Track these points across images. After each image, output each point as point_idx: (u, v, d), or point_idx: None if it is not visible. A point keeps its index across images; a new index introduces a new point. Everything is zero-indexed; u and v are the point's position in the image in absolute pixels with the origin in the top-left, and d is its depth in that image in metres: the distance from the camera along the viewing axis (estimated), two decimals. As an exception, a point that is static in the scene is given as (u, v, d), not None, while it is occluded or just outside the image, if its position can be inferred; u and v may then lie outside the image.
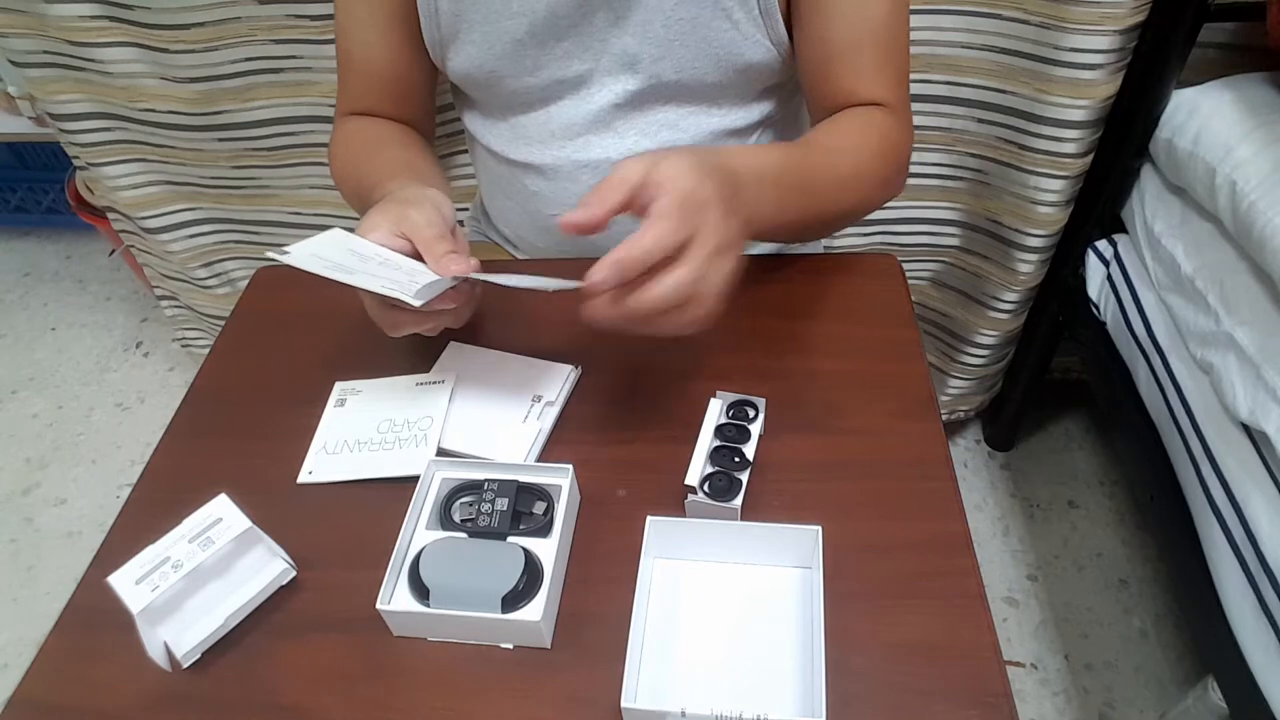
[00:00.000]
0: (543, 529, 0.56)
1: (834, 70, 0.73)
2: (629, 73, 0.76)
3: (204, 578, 0.53)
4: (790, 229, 0.70)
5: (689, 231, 0.51)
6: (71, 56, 1.21)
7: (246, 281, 0.81)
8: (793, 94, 0.84)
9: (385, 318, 0.62)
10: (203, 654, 0.54)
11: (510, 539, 0.56)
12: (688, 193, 0.52)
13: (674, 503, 0.58)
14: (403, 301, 0.57)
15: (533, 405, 0.65)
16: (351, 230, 0.64)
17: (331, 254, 0.60)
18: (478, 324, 0.62)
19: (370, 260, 0.61)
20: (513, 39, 0.73)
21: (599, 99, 0.77)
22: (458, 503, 0.58)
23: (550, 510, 0.57)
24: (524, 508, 0.57)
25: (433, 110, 0.91)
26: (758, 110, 0.81)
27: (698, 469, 0.57)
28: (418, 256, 0.63)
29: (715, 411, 0.61)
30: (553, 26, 0.73)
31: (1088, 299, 1.21)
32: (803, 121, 0.92)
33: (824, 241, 1.02)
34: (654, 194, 0.52)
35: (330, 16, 1.12)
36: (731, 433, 0.60)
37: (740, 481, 0.57)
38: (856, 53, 0.72)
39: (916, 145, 1.23)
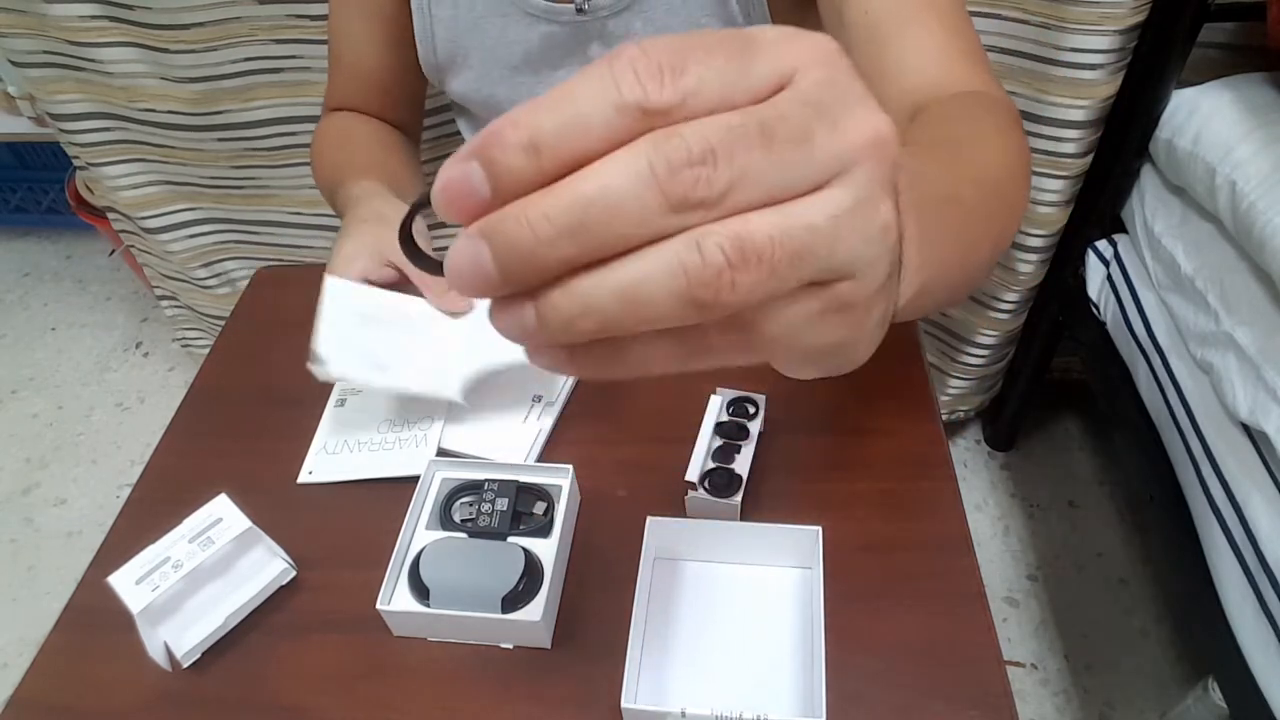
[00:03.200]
0: (543, 529, 0.56)
1: (889, 53, 0.56)
2: None
3: (204, 578, 0.53)
4: (951, 249, 0.41)
5: (803, 125, 0.21)
6: (71, 56, 1.21)
7: (246, 281, 0.81)
8: None
9: None
10: (203, 654, 0.54)
11: (510, 539, 0.55)
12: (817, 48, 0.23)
13: (674, 503, 0.58)
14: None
15: (533, 405, 0.65)
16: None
17: (350, 332, 0.62)
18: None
19: (386, 326, 0.64)
20: (509, 66, 0.74)
21: None
22: (458, 503, 0.58)
23: (550, 510, 0.57)
24: (524, 508, 0.57)
25: (420, 114, 0.91)
26: None
27: (698, 465, 0.57)
28: (402, 281, 0.66)
29: (715, 408, 0.61)
30: (547, 56, 0.73)
31: (1088, 299, 1.21)
32: None
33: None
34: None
35: (330, 16, 1.13)
36: (732, 429, 0.60)
37: (740, 478, 0.57)
38: (910, 26, 0.56)
39: (916, 145, 1.23)
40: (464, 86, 0.77)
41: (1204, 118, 0.99)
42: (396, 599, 0.54)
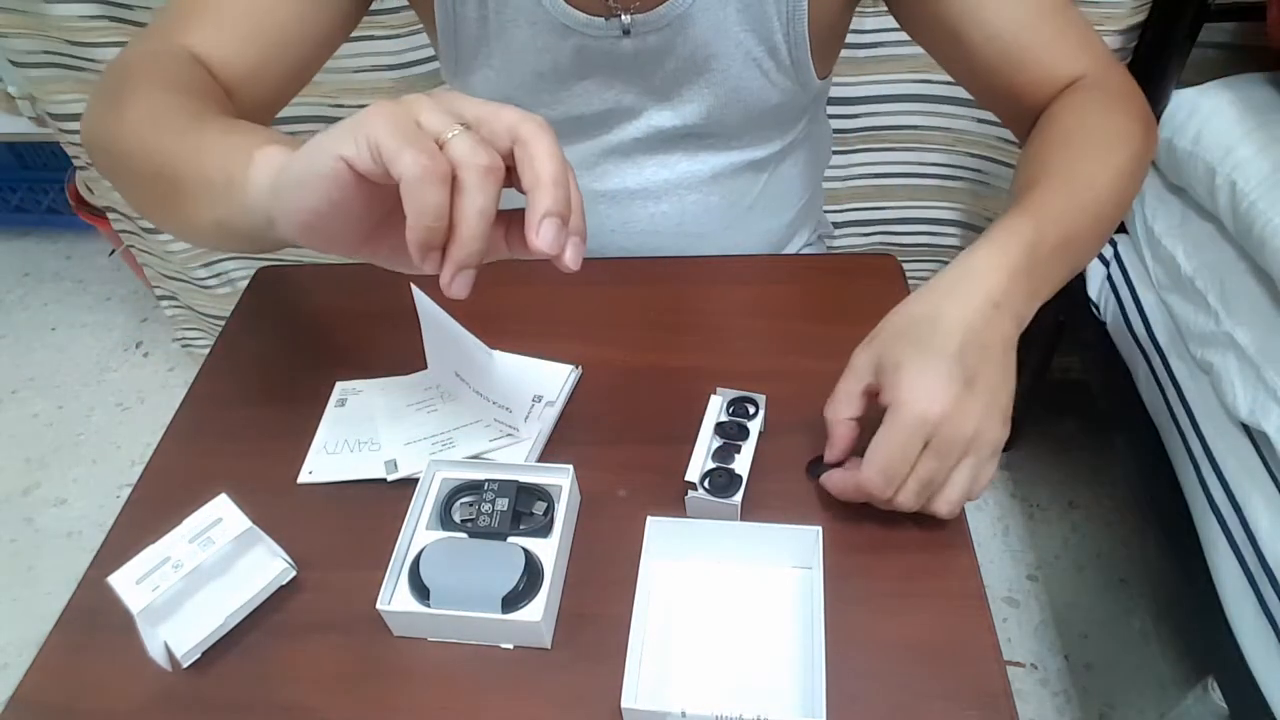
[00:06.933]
0: (543, 529, 0.56)
1: (1019, 61, 0.65)
2: (652, 113, 0.74)
3: (204, 578, 0.53)
4: (1061, 283, 0.59)
5: (923, 440, 0.51)
6: (71, 56, 1.21)
7: (246, 281, 0.81)
8: (814, 117, 0.83)
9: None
10: (203, 654, 0.54)
11: (510, 539, 0.55)
12: (920, 416, 0.50)
13: (674, 503, 0.58)
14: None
15: (533, 405, 0.65)
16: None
17: (437, 341, 0.64)
18: (477, 324, 0.62)
19: (456, 342, 0.62)
20: (534, 73, 0.72)
21: (618, 136, 0.76)
22: (458, 503, 0.58)
23: (550, 510, 0.57)
24: (524, 508, 0.57)
25: (283, 102, 0.68)
26: (778, 142, 0.80)
27: (698, 465, 0.57)
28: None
29: (716, 408, 0.61)
30: (579, 66, 0.71)
31: (1088, 299, 1.21)
32: (823, 140, 0.91)
33: (825, 241, 1.02)
34: (885, 396, 0.53)
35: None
36: (732, 429, 0.60)
37: (740, 478, 0.57)
38: (1033, 33, 0.64)
39: (917, 145, 1.23)
40: (484, 86, 0.75)
41: (1204, 118, 0.99)
42: (396, 599, 0.54)
